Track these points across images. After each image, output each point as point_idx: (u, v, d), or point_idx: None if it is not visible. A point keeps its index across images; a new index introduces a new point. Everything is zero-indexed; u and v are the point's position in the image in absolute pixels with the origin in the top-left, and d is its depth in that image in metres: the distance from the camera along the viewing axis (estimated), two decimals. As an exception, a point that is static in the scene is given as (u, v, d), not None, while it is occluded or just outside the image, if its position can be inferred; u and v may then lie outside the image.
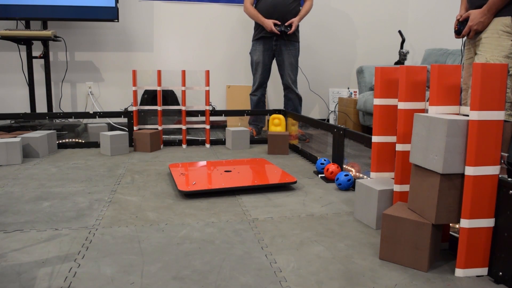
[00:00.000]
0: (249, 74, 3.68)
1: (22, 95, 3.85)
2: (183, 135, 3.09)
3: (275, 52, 3.43)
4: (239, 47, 4.23)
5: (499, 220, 1.15)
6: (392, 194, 1.49)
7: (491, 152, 1.13)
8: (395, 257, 1.25)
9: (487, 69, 1.12)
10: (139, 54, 4.10)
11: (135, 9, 4.01)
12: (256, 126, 3.53)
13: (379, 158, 1.60)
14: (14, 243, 1.35)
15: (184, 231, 1.48)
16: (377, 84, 1.56)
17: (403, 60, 3.98)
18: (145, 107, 3.13)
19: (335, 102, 4.42)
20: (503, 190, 1.14)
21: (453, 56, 3.35)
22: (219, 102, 4.27)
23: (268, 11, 3.31)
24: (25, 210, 1.67)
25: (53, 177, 2.18)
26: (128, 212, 1.66)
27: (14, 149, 2.44)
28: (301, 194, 1.93)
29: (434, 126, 1.19)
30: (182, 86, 2.99)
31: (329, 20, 4.44)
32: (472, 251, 1.16)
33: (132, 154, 2.78)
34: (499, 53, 1.81)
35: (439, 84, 1.26)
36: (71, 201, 1.78)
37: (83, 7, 3.56)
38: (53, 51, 3.90)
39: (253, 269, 1.20)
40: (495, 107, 1.13)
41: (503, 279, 1.13)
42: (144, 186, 2.02)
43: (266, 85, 3.53)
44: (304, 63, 4.15)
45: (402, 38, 4.00)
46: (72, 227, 1.50)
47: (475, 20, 1.88)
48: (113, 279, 1.14)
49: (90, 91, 4.05)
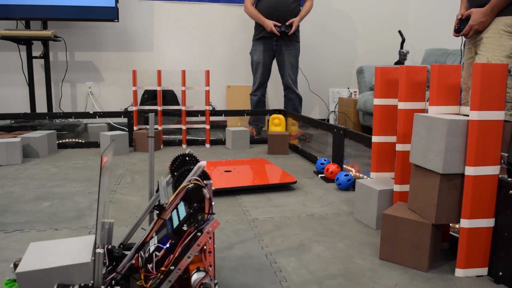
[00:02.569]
0: (249, 74, 3.68)
1: (22, 95, 3.85)
2: (183, 135, 3.09)
3: (276, 52, 3.43)
4: (239, 47, 4.23)
5: (499, 220, 1.15)
6: (392, 194, 1.49)
7: (491, 152, 1.13)
8: (395, 257, 1.25)
9: (487, 69, 1.12)
10: (139, 54, 4.10)
11: (135, 9, 4.01)
12: (256, 126, 3.53)
13: (379, 158, 1.60)
14: (14, 243, 1.35)
15: (184, 231, 1.48)
16: (377, 84, 1.56)
17: (403, 60, 3.98)
18: (145, 107, 3.13)
19: (335, 102, 4.42)
20: (503, 190, 1.14)
21: (453, 56, 3.35)
22: (219, 102, 4.27)
23: (269, 11, 3.31)
24: (25, 210, 1.67)
25: (53, 177, 2.18)
26: (128, 212, 1.66)
27: (14, 149, 2.44)
28: (301, 194, 1.93)
29: (434, 126, 1.19)
30: (182, 86, 2.99)
31: (329, 20, 4.44)
32: (472, 251, 1.16)
33: (132, 154, 2.78)
34: (500, 53, 1.81)
35: (439, 84, 1.26)
36: (71, 201, 1.78)
37: (83, 7, 3.56)
38: (53, 51, 3.89)
39: (253, 269, 1.20)
40: (495, 107, 1.13)
41: (503, 279, 1.13)
42: (144, 186, 2.02)
43: (266, 85, 3.53)
44: (304, 63, 4.15)
45: (402, 38, 4.00)
46: (72, 227, 1.50)
47: (476, 20, 1.88)
48: (113, 279, 1.14)
49: (90, 91, 4.05)
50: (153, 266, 0.88)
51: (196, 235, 0.87)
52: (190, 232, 0.87)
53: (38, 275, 0.86)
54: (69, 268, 0.88)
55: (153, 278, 0.88)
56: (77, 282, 0.88)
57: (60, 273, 0.88)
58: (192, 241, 0.87)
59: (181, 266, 0.86)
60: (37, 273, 0.86)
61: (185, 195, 0.92)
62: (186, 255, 0.86)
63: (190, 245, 0.87)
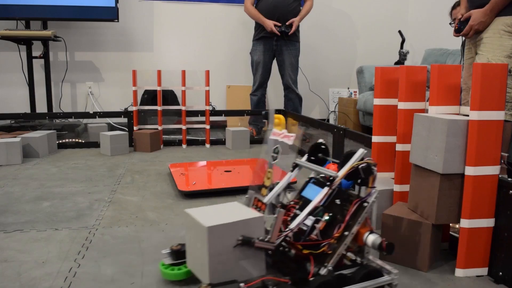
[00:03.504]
0: (249, 74, 3.68)
1: (22, 95, 3.85)
2: (183, 135, 3.09)
3: (276, 52, 3.43)
4: (239, 47, 4.23)
5: (499, 220, 1.15)
6: (392, 194, 1.49)
7: (491, 152, 1.13)
8: (395, 257, 1.25)
9: (487, 69, 1.12)
10: (139, 54, 4.10)
11: (135, 9, 4.01)
12: (256, 126, 3.53)
13: (379, 158, 1.60)
14: (14, 243, 1.35)
15: (184, 231, 1.48)
16: (377, 84, 1.56)
17: (403, 60, 3.98)
18: (145, 107, 3.13)
19: (335, 102, 4.42)
20: (503, 190, 1.13)
21: (453, 56, 3.35)
22: (219, 102, 4.27)
23: (269, 11, 3.31)
24: (25, 210, 1.67)
25: (53, 177, 2.18)
26: (128, 212, 1.66)
27: (14, 149, 2.44)
28: (301, 194, 1.93)
29: (434, 126, 1.19)
30: (182, 86, 2.99)
31: (329, 20, 4.44)
32: (472, 251, 1.16)
33: (132, 154, 2.78)
34: (500, 53, 1.81)
35: (439, 84, 1.26)
36: (71, 201, 1.78)
37: (83, 7, 3.56)
38: (53, 51, 3.89)
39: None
40: (495, 107, 1.12)
41: (503, 279, 1.13)
42: (144, 186, 2.02)
43: (266, 85, 3.53)
44: (304, 63, 4.15)
45: (402, 38, 4.00)
46: (72, 227, 1.50)
47: (476, 20, 1.88)
48: (113, 279, 1.14)
49: (90, 91, 4.05)
50: (318, 234, 1.04)
51: (362, 205, 1.03)
52: (355, 203, 1.03)
53: (225, 228, 0.95)
54: (250, 222, 0.98)
55: (315, 246, 1.02)
56: (254, 236, 0.98)
57: (242, 226, 0.97)
58: (359, 210, 1.03)
59: (353, 231, 1.02)
60: (224, 227, 0.95)
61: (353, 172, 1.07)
62: (356, 222, 1.02)
63: (357, 213, 1.02)
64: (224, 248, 0.95)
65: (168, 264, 1.12)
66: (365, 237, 1.03)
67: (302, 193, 1.19)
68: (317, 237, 1.04)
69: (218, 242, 0.94)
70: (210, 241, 0.93)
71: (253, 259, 0.98)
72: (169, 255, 1.13)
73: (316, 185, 1.19)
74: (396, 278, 1.03)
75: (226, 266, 0.96)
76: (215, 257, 0.94)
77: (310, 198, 1.13)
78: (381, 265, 1.06)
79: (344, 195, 1.09)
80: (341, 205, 1.07)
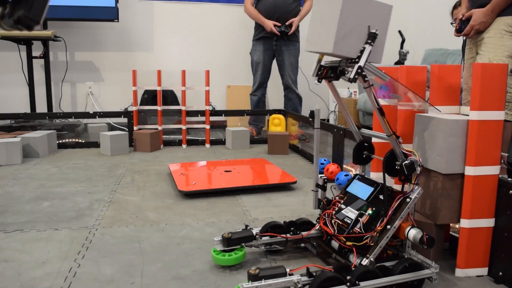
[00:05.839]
0: (249, 74, 3.68)
1: (22, 95, 3.85)
2: (183, 135, 3.09)
3: (276, 52, 3.43)
4: (239, 47, 4.23)
5: (499, 220, 1.15)
6: (392, 194, 1.48)
7: (491, 152, 1.13)
8: (395, 257, 1.25)
9: (487, 69, 1.12)
10: (139, 54, 4.10)
11: (135, 9, 4.01)
12: (256, 126, 3.53)
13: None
14: (14, 243, 1.35)
15: (184, 231, 1.48)
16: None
17: (403, 60, 3.97)
18: (145, 107, 3.13)
19: (335, 102, 4.42)
20: (503, 190, 1.13)
21: (453, 56, 3.35)
22: (219, 102, 4.27)
23: (269, 11, 3.31)
24: (25, 210, 1.67)
25: (53, 177, 2.18)
26: (128, 212, 1.66)
27: (14, 149, 2.44)
28: (301, 194, 1.93)
29: (436, 126, 1.19)
30: (182, 86, 2.99)
31: (329, 20, 4.43)
32: (472, 251, 1.16)
33: (132, 154, 2.78)
34: (502, 53, 1.81)
35: (439, 84, 1.26)
36: (71, 201, 1.78)
37: (83, 7, 3.56)
38: (53, 51, 3.89)
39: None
40: (495, 107, 1.12)
41: (503, 279, 1.13)
42: (144, 186, 2.02)
43: (266, 85, 3.53)
44: (304, 63, 4.15)
45: (402, 38, 4.00)
46: (72, 227, 1.50)
47: (477, 20, 1.88)
48: (113, 279, 1.14)
49: (90, 91, 4.05)
50: (361, 227, 1.11)
51: (405, 200, 1.07)
52: (398, 198, 1.08)
53: (358, 2, 1.02)
54: (380, 6, 1.05)
55: (358, 238, 1.09)
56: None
57: (373, 7, 1.04)
58: (401, 205, 1.07)
59: (395, 224, 1.06)
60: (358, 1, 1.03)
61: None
62: (399, 216, 1.06)
63: (399, 208, 1.07)
64: (352, 22, 1.01)
65: (220, 250, 1.20)
66: (407, 231, 1.07)
67: (348, 189, 1.26)
68: (360, 230, 1.10)
69: (349, 12, 1.00)
70: (343, 9, 0.99)
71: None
72: (220, 242, 1.20)
73: (361, 181, 1.24)
74: (436, 272, 1.05)
75: (350, 40, 1.02)
76: (343, 27, 1.00)
77: (355, 194, 1.22)
78: (422, 259, 1.09)
79: (387, 191, 1.14)
80: (384, 200, 1.12)
